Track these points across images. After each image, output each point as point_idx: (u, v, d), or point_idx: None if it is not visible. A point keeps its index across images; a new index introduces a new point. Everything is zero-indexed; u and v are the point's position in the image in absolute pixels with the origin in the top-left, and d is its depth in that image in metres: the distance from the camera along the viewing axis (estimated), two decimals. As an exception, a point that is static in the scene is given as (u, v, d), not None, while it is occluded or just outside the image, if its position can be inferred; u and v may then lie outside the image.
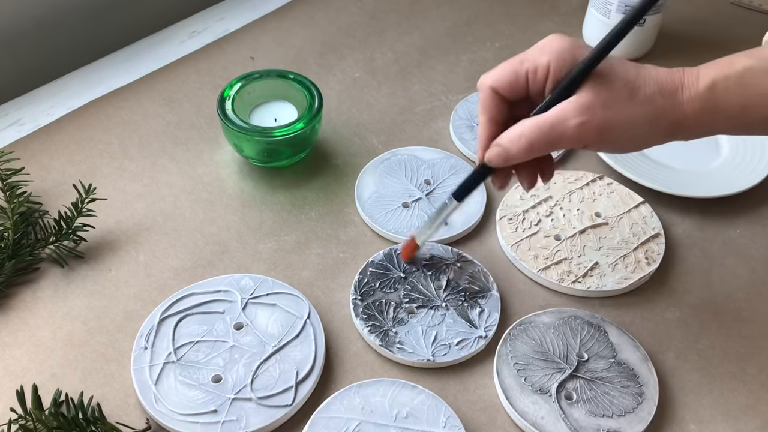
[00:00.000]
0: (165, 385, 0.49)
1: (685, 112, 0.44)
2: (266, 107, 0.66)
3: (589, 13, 0.78)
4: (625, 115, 0.43)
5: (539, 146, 0.45)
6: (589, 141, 0.44)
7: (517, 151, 0.45)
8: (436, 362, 0.51)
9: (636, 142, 0.45)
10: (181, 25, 0.81)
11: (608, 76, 0.44)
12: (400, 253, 0.57)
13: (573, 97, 0.44)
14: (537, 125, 0.44)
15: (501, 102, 0.47)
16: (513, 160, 0.46)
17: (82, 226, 0.58)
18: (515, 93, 0.47)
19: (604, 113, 0.43)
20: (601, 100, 0.43)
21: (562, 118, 0.44)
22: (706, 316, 0.56)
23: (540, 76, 0.45)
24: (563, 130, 0.44)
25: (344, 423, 0.48)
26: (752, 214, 0.63)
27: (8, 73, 0.74)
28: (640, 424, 0.48)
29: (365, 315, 0.54)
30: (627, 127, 0.44)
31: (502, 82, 0.46)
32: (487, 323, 0.54)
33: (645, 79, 0.44)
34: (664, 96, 0.43)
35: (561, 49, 0.45)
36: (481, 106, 0.48)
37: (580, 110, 0.43)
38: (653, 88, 0.44)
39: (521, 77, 0.46)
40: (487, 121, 0.47)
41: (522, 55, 0.46)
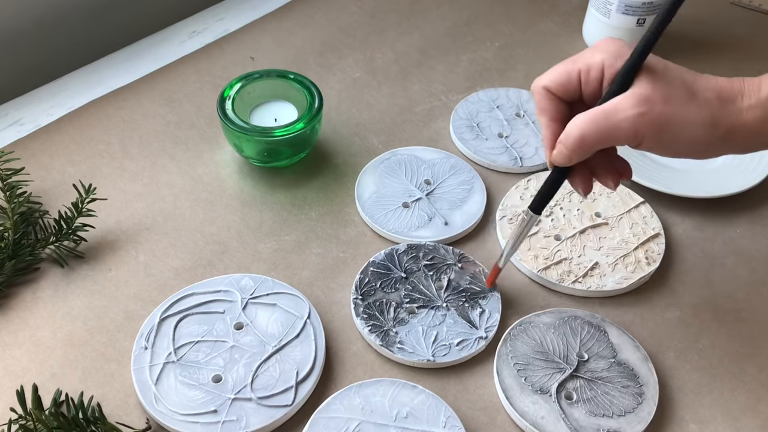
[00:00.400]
0: (165, 385, 0.49)
1: (744, 119, 0.42)
2: (266, 107, 0.66)
3: (589, 13, 0.78)
4: (684, 114, 0.42)
5: (592, 139, 0.43)
6: (645, 135, 0.42)
7: (571, 144, 0.44)
8: (437, 362, 0.51)
9: (692, 146, 0.43)
10: (181, 25, 0.81)
11: (666, 74, 0.43)
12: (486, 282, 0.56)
13: (630, 90, 0.42)
14: (591, 116, 0.43)
15: (557, 102, 0.46)
16: (573, 158, 0.44)
17: (82, 226, 0.58)
18: (568, 93, 0.46)
19: (663, 108, 0.42)
20: (659, 94, 0.42)
21: (619, 108, 0.42)
22: (706, 316, 0.56)
23: (593, 75, 0.44)
24: (619, 121, 0.42)
25: (344, 423, 0.48)
26: (752, 214, 0.63)
27: (8, 73, 0.74)
28: (640, 424, 0.48)
29: (366, 315, 0.54)
30: (685, 126, 0.42)
31: (555, 82, 0.45)
32: (488, 324, 0.54)
33: (703, 83, 0.43)
34: (723, 101, 0.42)
35: (614, 48, 0.44)
36: (539, 108, 0.46)
37: (639, 102, 0.42)
38: (712, 93, 0.42)
39: (574, 77, 0.45)
40: (548, 122, 0.46)
41: (575, 56, 0.46)
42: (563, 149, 0.44)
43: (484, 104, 0.72)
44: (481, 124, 0.69)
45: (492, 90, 0.73)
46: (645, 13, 0.74)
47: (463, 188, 0.63)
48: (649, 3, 0.73)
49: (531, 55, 0.79)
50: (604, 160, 0.47)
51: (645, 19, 0.74)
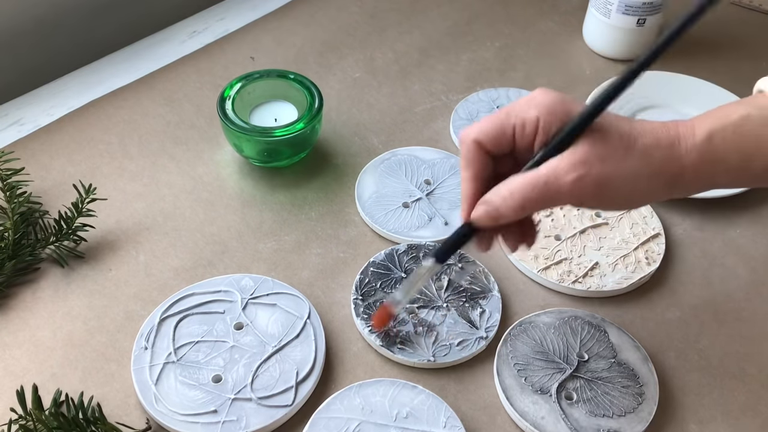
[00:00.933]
0: (165, 385, 0.49)
1: (683, 164, 0.42)
2: (266, 107, 0.66)
3: (589, 13, 0.78)
4: (624, 169, 0.41)
5: (532, 204, 0.42)
6: (586, 197, 0.42)
7: (507, 209, 0.42)
8: (437, 363, 0.51)
9: (634, 197, 0.43)
10: (181, 25, 0.81)
11: (602, 130, 0.41)
12: (372, 322, 0.52)
13: (566, 152, 0.41)
14: (530, 182, 0.41)
15: (485, 157, 0.44)
16: (503, 220, 0.43)
17: (82, 226, 0.58)
18: (500, 147, 0.44)
19: (602, 167, 0.41)
20: (597, 154, 0.41)
21: (558, 173, 0.41)
22: (706, 316, 0.56)
23: (528, 131, 0.43)
24: (558, 186, 0.41)
25: (344, 423, 0.48)
26: (752, 214, 0.63)
27: (8, 73, 0.74)
28: (640, 424, 0.48)
29: (366, 315, 0.54)
30: (625, 181, 0.41)
31: (488, 136, 0.43)
32: (488, 324, 0.54)
33: (640, 131, 0.42)
34: (661, 148, 0.41)
35: (550, 103, 0.42)
36: (465, 161, 0.44)
37: (576, 165, 0.41)
38: (650, 140, 0.42)
39: (508, 131, 0.43)
40: (471, 178, 0.44)
41: (507, 108, 0.44)
42: (493, 211, 0.43)
43: (484, 104, 0.72)
44: (481, 124, 0.69)
45: (492, 90, 0.73)
46: (645, 13, 0.74)
47: (463, 188, 0.63)
48: (649, 3, 0.73)
49: (531, 55, 0.79)
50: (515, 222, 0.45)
51: (645, 19, 0.74)
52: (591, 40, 0.79)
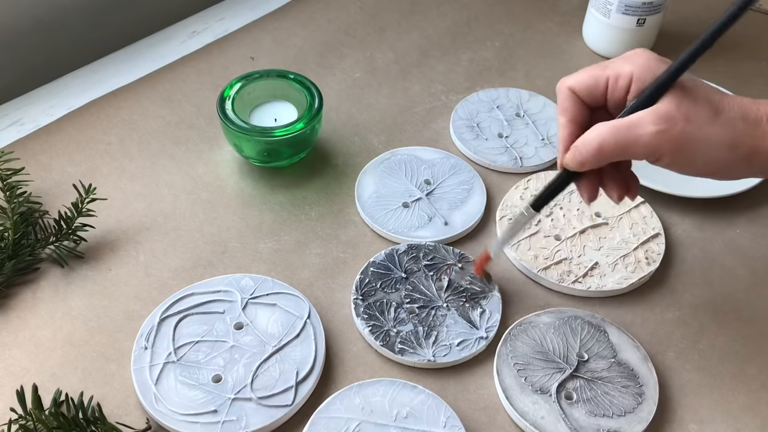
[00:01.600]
0: (165, 385, 0.49)
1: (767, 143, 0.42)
2: (266, 107, 0.66)
3: (589, 13, 0.78)
4: (706, 134, 0.42)
5: (610, 150, 0.43)
6: (663, 152, 0.42)
7: (588, 153, 0.43)
8: (437, 363, 0.51)
9: (711, 165, 0.43)
10: (181, 25, 0.81)
11: (693, 92, 0.42)
12: (473, 270, 0.56)
13: (654, 106, 0.42)
14: (613, 127, 0.43)
15: (580, 104, 0.46)
16: (585, 164, 0.44)
17: (82, 226, 0.58)
18: (593, 98, 0.46)
19: (685, 126, 0.41)
20: (683, 112, 0.42)
21: (641, 122, 0.42)
22: (706, 316, 0.56)
23: (621, 84, 0.44)
24: (639, 135, 0.42)
25: (344, 423, 0.48)
26: (752, 214, 0.63)
27: (8, 73, 0.74)
28: (640, 424, 0.48)
29: (366, 315, 0.54)
30: (705, 146, 0.42)
31: (582, 85, 0.45)
32: (488, 324, 0.54)
33: (729, 103, 0.43)
34: (748, 122, 0.42)
35: (646, 60, 0.44)
36: (560, 107, 0.46)
37: (661, 118, 0.42)
38: (737, 112, 0.42)
39: (601, 83, 0.45)
40: (567, 122, 0.46)
41: (604, 62, 0.45)
42: (578, 155, 0.44)
43: (484, 104, 0.72)
44: (481, 124, 0.69)
45: (492, 90, 0.73)
46: (645, 13, 0.74)
47: (463, 188, 0.63)
48: (649, 3, 0.73)
49: (531, 55, 0.79)
50: (615, 172, 0.47)
51: (645, 19, 0.74)
52: (591, 40, 0.79)
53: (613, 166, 0.47)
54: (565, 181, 0.48)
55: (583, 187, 0.48)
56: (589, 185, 0.47)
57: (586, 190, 0.48)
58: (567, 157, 0.45)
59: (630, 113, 0.43)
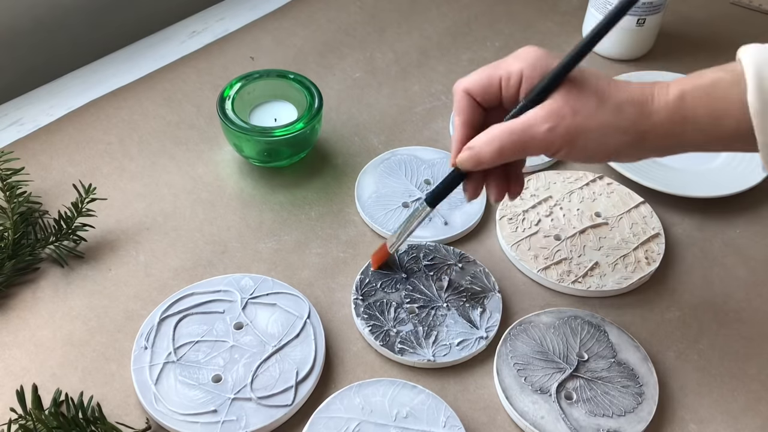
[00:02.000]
0: (165, 385, 0.49)
1: (653, 122, 0.43)
2: (266, 107, 0.66)
3: (589, 13, 0.78)
4: (594, 122, 0.43)
5: (509, 150, 0.45)
6: (557, 147, 0.44)
7: (487, 153, 0.45)
8: (437, 362, 0.51)
9: (602, 151, 0.45)
10: (181, 25, 0.81)
11: (579, 84, 0.44)
12: (371, 260, 0.56)
13: (543, 103, 0.44)
14: (508, 129, 0.44)
15: (475, 106, 0.47)
16: (484, 164, 0.46)
17: (82, 226, 0.58)
18: (488, 98, 0.47)
19: (573, 119, 0.43)
20: (570, 106, 0.43)
21: (532, 122, 0.44)
22: (706, 316, 0.56)
23: (513, 83, 0.46)
24: (533, 134, 0.44)
25: (344, 423, 0.48)
26: (752, 214, 0.64)
27: (8, 73, 0.74)
28: (640, 424, 0.48)
29: (366, 315, 0.54)
30: (596, 134, 0.43)
31: (476, 85, 0.47)
32: (488, 324, 0.54)
33: (616, 89, 0.44)
34: (634, 105, 0.43)
35: (535, 57, 0.45)
36: (456, 109, 0.48)
37: (549, 116, 0.43)
38: (623, 97, 0.43)
39: (494, 83, 0.46)
40: (461, 124, 0.48)
41: (497, 62, 0.47)
42: (474, 155, 0.46)
43: (484, 104, 0.72)
44: (481, 124, 0.69)
45: (492, 90, 0.73)
46: (645, 13, 0.74)
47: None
48: (649, 3, 0.73)
49: (531, 55, 0.79)
50: (500, 172, 0.49)
51: (645, 19, 0.74)
52: (591, 40, 0.79)
53: (500, 167, 0.48)
54: (457, 180, 0.49)
55: (470, 185, 0.49)
56: (475, 184, 0.49)
57: (471, 189, 0.49)
58: (461, 157, 0.47)
59: (521, 111, 0.45)
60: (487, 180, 0.49)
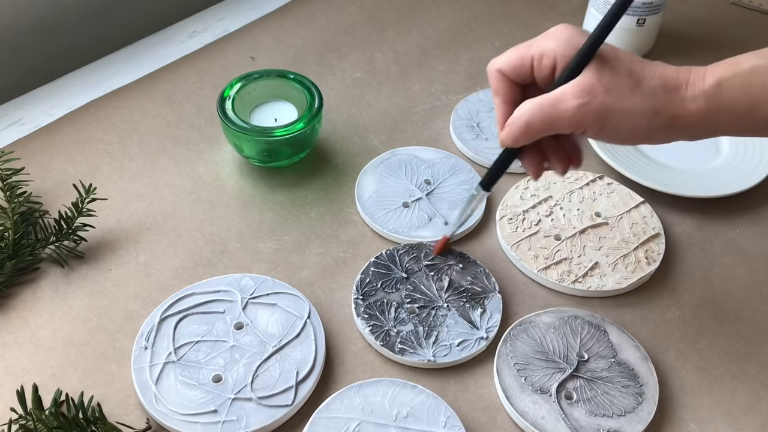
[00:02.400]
0: (165, 385, 0.49)
1: (688, 108, 0.43)
2: (266, 107, 0.66)
3: (589, 13, 0.78)
4: (626, 104, 0.43)
5: (537, 125, 0.44)
6: (587, 124, 0.44)
7: (517, 129, 0.45)
8: (437, 363, 0.51)
9: (634, 133, 0.44)
10: (181, 25, 0.81)
11: (614, 63, 0.43)
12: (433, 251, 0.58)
13: (575, 79, 0.43)
14: (537, 103, 0.44)
15: (510, 84, 0.47)
16: (519, 141, 0.46)
17: (83, 226, 0.58)
18: (521, 77, 0.47)
19: (605, 98, 0.43)
20: (603, 84, 0.43)
21: (563, 98, 0.43)
22: (706, 316, 0.56)
23: (546, 62, 0.45)
24: (562, 109, 0.43)
25: (344, 423, 0.48)
26: (752, 214, 0.64)
27: (8, 73, 0.74)
28: (640, 424, 0.48)
29: (366, 315, 0.54)
30: (626, 116, 0.43)
31: (509, 65, 0.47)
32: (489, 324, 0.54)
33: (650, 72, 0.44)
34: (667, 91, 0.43)
35: (568, 36, 0.45)
36: (492, 89, 0.48)
37: (582, 92, 0.43)
38: (657, 82, 0.43)
39: (527, 62, 0.46)
40: (501, 103, 0.47)
41: (530, 41, 0.47)
42: (510, 133, 0.46)
43: (484, 104, 0.72)
44: (482, 124, 0.69)
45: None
46: (645, 13, 0.74)
47: (463, 188, 0.63)
48: (649, 3, 0.73)
49: (531, 55, 0.79)
50: (555, 145, 0.49)
51: (645, 19, 0.74)
52: (591, 40, 0.79)
53: (553, 140, 0.48)
54: (508, 158, 0.49)
55: (527, 163, 0.49)
56: (532, 161, 0.49)
57: (530, 166, 0.49)
58: (502, 135, 0.47)
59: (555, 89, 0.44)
60: (546, 155, 0.49)
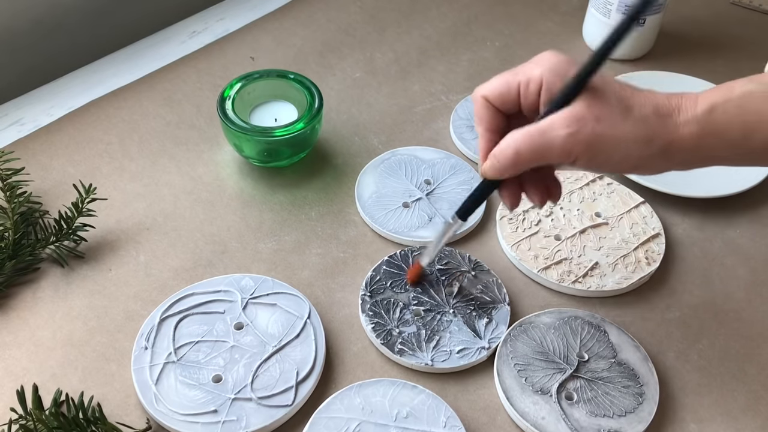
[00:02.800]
0: (165, 385, 0.49)
1: (681, 134, 0.42)
2: (266, 107, 0.66)
3: (589, 13, 0.78)
4: (617, 132, 0.42)
5: (526, 155, 0.43)
6: (577, 154, 0.42)
7: (505, 159, 0.44)
8: (435, 368, 0.51)
9: (627, 162, 0.43)
10: (181, 25, 0.81)
11: (603, 91, 0.42)
12: (406, 278, 0.56)
13: (565, 109, 0.42)
14: (526, 132, 0.43)
15: (495, 113, 0.46)
16: (505, 172, 0.45)
17: (83, 226, 0.58)
18: (507, 104, 0.46)
19: (595, 127, 0.42)
20: (593, 113, 0.42)
21: (553, 126, 0.42)
22: (706, 316, 0.56)
23: (532, 89, 0.44)
24: (551, 139, 0.42)
25: (344, 423, 0.48)
26: (752, 214, 0.64)
27: (8, 73, 0.74)
28: (640, 424, 0.48)
29: (371, 312, 0.54)
30: (618, 144, 0.42)
31: (494, 93, 0.45)
32: (492, 335, 0.53)
33: (641, 99, 0.43)
34: (660, 116, 0.42)
35: (555, 63, 0.44)
36: (477, 117, 0.47)
37: (571, 121, 0.42)
38: (649, 109, 0.42)
39: (513, 89, 0.45)
40: (484, 132, 0.46)
41: (517, 68, 0.45)
42: (496, 163, 0.44)
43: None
44: (481, 124, 0.69)
45: (492, 90, 0.73)
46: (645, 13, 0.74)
47: (463, 188, 0.63)
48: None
49: (531, 55, 0.77)
50: (535, 177, 0.47)
51: (645, 20, 0.74)
52: (591, 40, 0.79)
53: (533, 172, 0.47)
54: (487, 189, 0.48)
55: (505, 195, 0.48)
56: (511, 192, 0.48)
57: (507, 197, 0.48)
58: (485, 166, 0.46)
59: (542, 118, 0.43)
60: (524, 186, 0.48)
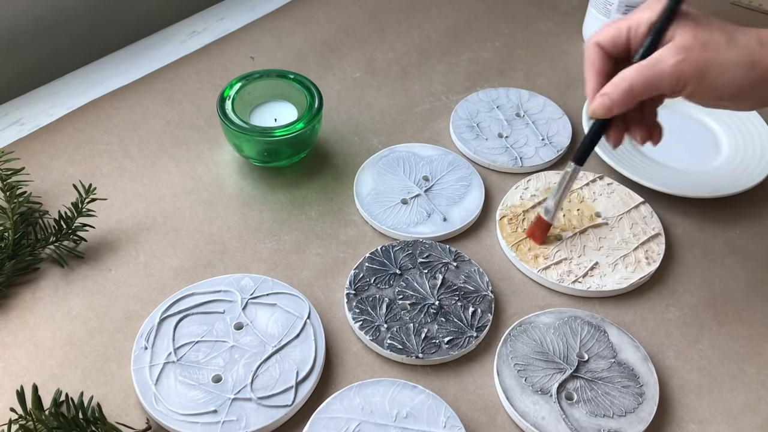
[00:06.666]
0: (165, 385, 0.49)
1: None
2: (266, 107, 0.66)
3: (589, 12, 0.78)
4: (723, 57, 0.45)
5: (639, 87, 0.47)
6: (686, 80, 0.46)
7: (618, 95, 0.47)
8: (425, 360, 0.51)
9: (730, 87, 0.46)
10: (181, 25, 0.81)
11: (707, 23, 0.46)
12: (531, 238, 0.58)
13: (672, 41, 0.46)
14: (638, 67, 0.47)
15: (606, 58, 0.50)
16: (615, 107, 0.48)
17: (82, 226, 0.58)
18: (617, 48, 0.50)
19: (702, 53, 0.45)
20: (699, 41, 0.45)
21: (661, 58, 0.46)
22: (706, 316, 0.56)
23: (642, 31, 0.48)
24: (662, 69, 0.46)
25: (344, 423, 0.48)
26: (752, 214, 0.63)
27: (8, 73, 0.74)
28: (640, 424, 0.48)
29: (358, 309, 0.54)
30: (723, 68, 0.45)
31: (607, 38, 0.50)
32: (479, 323, 0.53)
33: (743, 30, 0.46)
34: (762, 45, 0.45)
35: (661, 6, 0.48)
36: (588, 62, 0.50)
37: (678, 50, 0.46)
38: (752, 37, 0.46)
39: (623, 33, 0.49)
40: (593, 75, 0.50)
41: (628, 15, 0.50)
42: (607, 100, 0.48)
43: (484, 104, 0.72)
44: (481, 124, 0.69)
45: (492, 90, 0.73)
46: (645, 12, 0.74)
47: (461, 184, 0.63)
48: (649, 3, 0.73)
49: (531, 55, 0.79)
50: (639, 118, 0.52)
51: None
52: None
53: (637, 112, 0.51)
54: (599, 129, 0.52)
55: (611, 134, 0.52)
56: (616, 132, 0.52)
57: (613, 137, 0.52)
58: (593, 105, 0.49)
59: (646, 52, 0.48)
60: (628, 127, 0.52)
